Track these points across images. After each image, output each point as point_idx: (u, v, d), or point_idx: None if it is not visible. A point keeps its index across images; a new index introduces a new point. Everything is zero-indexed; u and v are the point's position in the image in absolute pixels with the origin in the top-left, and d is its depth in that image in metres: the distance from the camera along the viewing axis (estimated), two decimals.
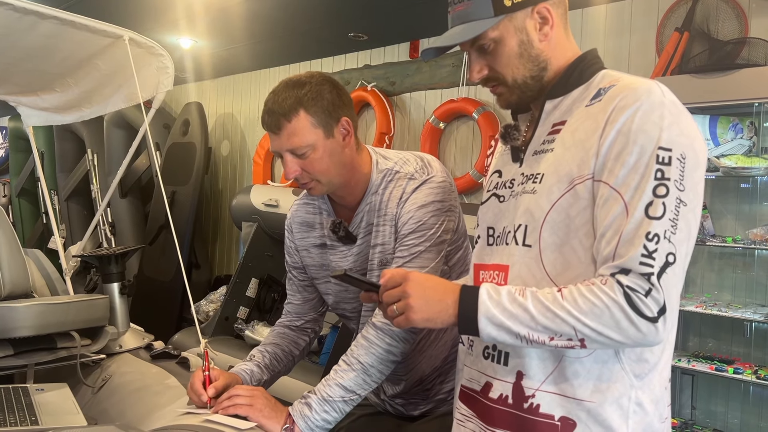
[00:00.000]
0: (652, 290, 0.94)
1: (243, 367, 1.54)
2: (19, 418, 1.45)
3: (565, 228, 1.04)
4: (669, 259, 0.95)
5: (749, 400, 2.64)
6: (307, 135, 1.36)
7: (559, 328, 0.97)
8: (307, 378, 3.33)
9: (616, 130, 1.00)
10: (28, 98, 2.91)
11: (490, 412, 1.11)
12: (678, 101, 1.03)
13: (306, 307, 1.66)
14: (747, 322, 2.59)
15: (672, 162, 0.97)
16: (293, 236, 1.63)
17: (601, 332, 0.96)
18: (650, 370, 1.04)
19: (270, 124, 1.37)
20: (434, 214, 1.41)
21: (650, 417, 1.04)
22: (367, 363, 1.35)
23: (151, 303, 4.82)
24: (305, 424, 1.31)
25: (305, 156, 1.37)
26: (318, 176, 1.40)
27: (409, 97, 4.20)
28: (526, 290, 1.01)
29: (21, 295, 2.12)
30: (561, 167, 1.05)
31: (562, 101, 1.12)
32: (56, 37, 2.24)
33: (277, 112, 1.35)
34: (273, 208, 4.49)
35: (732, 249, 2.70)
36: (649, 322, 0.94)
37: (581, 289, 0.98)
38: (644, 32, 3.13)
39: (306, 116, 1.35)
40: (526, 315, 0.99)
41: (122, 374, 2.04)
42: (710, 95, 2.57)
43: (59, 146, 6.21)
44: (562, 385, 1.04)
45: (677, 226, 0.96)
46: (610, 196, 0.99)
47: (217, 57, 4.92)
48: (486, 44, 1.10)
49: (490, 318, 1.01)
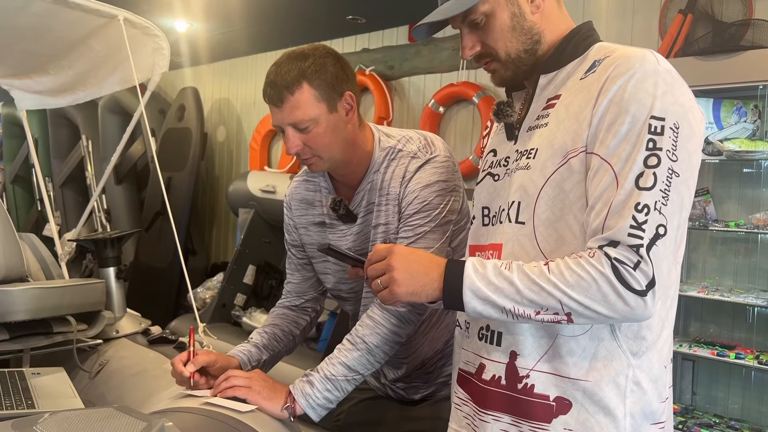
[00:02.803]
0: (641, 263, 0.92)
1: (240, 349, 1.51)
2: (15, 402, 1.43)
3: (560, 203, 1.02)
4: (659, 231, 0.93)
5: (750, 385, 2.64)
6: (310, 108, 1.32)
7: (545, 301, 0.95)
8: (305, 364, 3.29)
9: (608, 99, 0.98)
10: (22, 81, 2.87)
11: (483, 395, 1.09)
12: (674, 70, 1.01)
13: (305, 285, 1.64)
14: (749, 307, 2.58)
15: (665, 131, 0.95)
16: (292, 213, 1.60)
17: (588, 306, 0.94)
18: (648, 349, 1.02)
19: (272, 96, 1.33)
20: (439, 193, 1.39)
21: (648, 396, 1.02)
22: (372, 343, 1.33)
23: (147, 290, 4.80)
24: (306, 402, 1.29)
25: (308, 130, 1.34)
26: (320, 152, 1.37)
27: (408, 81, 4.16)
28: (512, 264, 0.99)
29: (16, 279, 2.09)
30: (555, 141, 1.03)
31: (556, 75, 1.10)
32: (49, 16, 2.20)
33: (280, 84, 1.32)
34: (270, 194, 4.47)
35: (734, 234, 2.68)
36: (637, 295, 0.92)
37: (568, 262, 0.96)
38: (647, 14, 3.10)
39: (309, 89, 1.32)
40: (512, 288, 0.97)
41: (119, 359, 2.02)
42: (714, 78, 2.54)
43: (53, 132, 6.17)
44: (556, 364, 1.02)
45: (669, 197, 0.94)
46: (601, 167, 0.97)
47: (213, 41, 4.87)
48: (477, 19, 1.09)
49: (475, 291, 0.99)
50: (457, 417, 1.17)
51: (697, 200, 2.72)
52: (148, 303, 4.28)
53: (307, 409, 1.29)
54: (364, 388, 1.72)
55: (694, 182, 1.00)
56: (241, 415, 1.23)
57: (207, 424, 1.18)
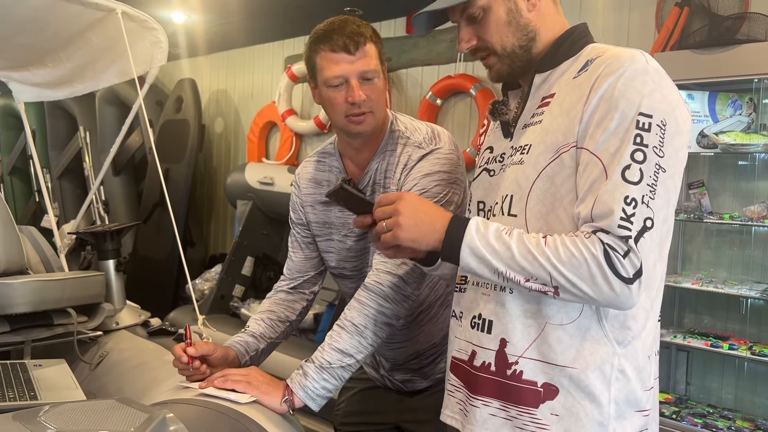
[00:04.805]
0: (630, 252, 0.95)
1: (236, 339, 1.51)
2: (18, 393, 1.45)
3: (551, 197, 1.05)
4: (647, 223, 0.96)
5: (744, 375, 2.66)
6: (376, 61, 1.42)
7: (536, 271, 0.99)
8: (303, 355, 3.32)
9: (599, 96, 1.01)
10: (20, 73, 2.87)
11: (475, 380, 1.12)
12: (662, 69, 1.04)
13: (306, 264, 1.65)
14: (743, 298, 2.60)
15: (651, 128, 0.98)
16: (300, 191, 1.63)
17: (575, 284, 0.97)
18: (633, 338, 1.05)
19: (347, 44, 1.38)
20: (438, 183, 1.41)
21: (633, 384, 1.05)
22: (360, 324, 1.34)
23: (146, 281, 4.81)
24: (305, 393, 1.30)
25: (372, 82, 1.41)
26: (375, 107, 1.43)
27: (406, 73, 4.16)
28: (513, 230, 1.03)
29: (16, 271, 2.11)
30: (548, 137, 1.07)
31: (550, 74, 1.13)
32: (47, 10, 2.20)
33: (356, 32, 1.39)
34: (268, 185, 4.47)
35: (729, 226, 2.70)
36: (623, 283, 0.95)
37: (564, 239, 0.99)
38: (644, 8, 3.10)
39: (375, 47, 1.42)
40: (508, 253, 1.01)
41: (120, 351, 2.04)
42: (710, 71, 2.55)
43: (51, 124, 6.15)
44: (545, 351, 1.05)
45: (656, 192, 0.97)
46: (590, 161, 1.00)
47: (210, 32, 4.86)
48: (475, 12, 1.12)
49: (473, 249, 1.03)
50: (450, 403, 1.20)
51: (692, 192, 2.74)
52: (146, 295, 4.30)
53: (306, 400, 1.30)
54: (363, 377, 1.74)
55: (680, 178, 1.03)
56: (240, 405, 1.24)
57: (207, 415, 1.20)
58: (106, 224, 4.55)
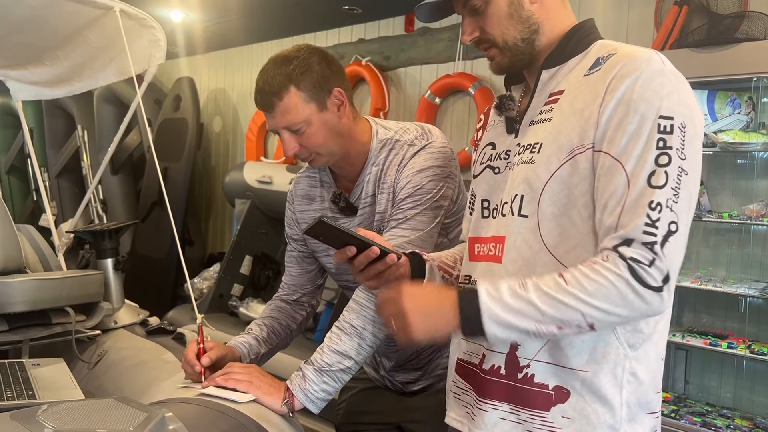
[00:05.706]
0: (656, 260, 0.93)
1: (240, 340, 1.52)
2: (16, 393, 1.44)
3: (565, 198, 1.03)
4: (671, 227, 0.94)
5: (742, 374, 2.66)
6: (301, 111, 1.35)
7: (568, 316, 0.95)
8: (302, 354, 3.31)
9: (617, 99, 0.99)
10: (18, 72, 2.86)
11: (484, 384, 1.11)
12: (677, 70, 1.03)
13: (304, 279, 1.65)
14: (742, 297, 2.60)
15: (674, 131, 0.97)
16: (294, 208, 1.62)
17: (611, 312, 0.95)
18: (645, 341, 1.05)
19: (262, 103, 1.37)
20: (432, 178, 1.40)
21: (645, 387, 1.05)
22: (359, 326, 1.34)
23: (144, 280, 4.80)
24: (305, 396, 1.30)
25: (301, 132, 1.37)
26: (317, 149, 1.40)
27: (405, 72, 4.16)
28: (527, 281, 0.98)
29: (14, 270, 2.10)
30: (560, 136, 1.05)
31: (558, 71, 1.12)
32: (45, 8, 2.19)
33: (268, 91, 1.35)
34: (266, 184, 4.47)
35: (728, 225, 2.70)
36: (654, 291, 0.94)
37: (584, 270, 0.96)
38: (643, 6, 3.10)
39: (297, 92, 1.35)
40: (531, 308, 0.96)
41: (118, 350, 2.03)
42: (709, 70, 2.55)
43: (49, 122, 6.14)
44: (556, 355, 1.04)
45: (679, 195, 0.96)
46: (612, 165, 0.98)
47: (209, 31, 4.85)
48: (477, 5, 1.11)
49: (494, 318, 0.98)
50: (456, 406, 1.19)
51: None
52: (145, 293, 4.29)
53: (306, 403, 1.30)
54: (363, 377, 1.74)
55: (699, 180, 1.02)
56: (239, 405, 1.24)
57: (206, 414, 1.20)
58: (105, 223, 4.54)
